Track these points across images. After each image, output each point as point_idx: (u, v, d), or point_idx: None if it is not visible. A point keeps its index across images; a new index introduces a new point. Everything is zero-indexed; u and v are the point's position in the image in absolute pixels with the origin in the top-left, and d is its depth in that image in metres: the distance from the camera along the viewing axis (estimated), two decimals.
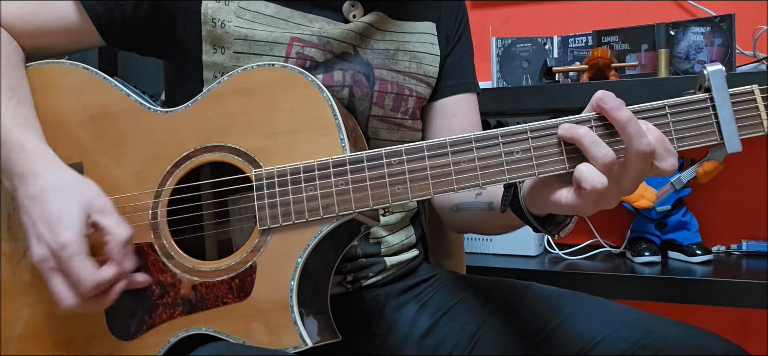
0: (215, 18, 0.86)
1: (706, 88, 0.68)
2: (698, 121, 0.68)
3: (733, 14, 1.46)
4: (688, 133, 0.69)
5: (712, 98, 0.68)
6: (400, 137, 0.95)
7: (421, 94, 0.97)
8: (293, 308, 0.74)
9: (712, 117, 0.68)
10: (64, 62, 0.85)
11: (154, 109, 0.82)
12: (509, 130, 0.70)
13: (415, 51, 0.96)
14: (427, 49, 0.98)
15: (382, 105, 0.93)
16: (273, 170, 0.76)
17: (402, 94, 0.94)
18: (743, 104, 0.68)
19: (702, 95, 0.69)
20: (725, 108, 0.67)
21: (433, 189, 0.72)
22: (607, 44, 1.56)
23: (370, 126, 0.93)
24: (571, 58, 1.64)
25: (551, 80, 1.58)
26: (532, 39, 1.68)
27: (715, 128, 0.68)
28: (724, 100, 0.68)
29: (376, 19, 0.93)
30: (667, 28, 1.50)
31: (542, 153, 0.70)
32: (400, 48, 0.95)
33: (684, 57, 1.50)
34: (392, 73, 0.93)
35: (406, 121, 0.96)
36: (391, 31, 0.95)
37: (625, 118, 0.65)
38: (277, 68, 0.78)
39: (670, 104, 0.69)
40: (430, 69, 0.98)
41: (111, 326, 0.81)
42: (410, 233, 1.02)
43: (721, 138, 0.68)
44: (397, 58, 0.94)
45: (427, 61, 0.98)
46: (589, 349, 0.80)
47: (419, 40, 0.97)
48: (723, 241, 1.63)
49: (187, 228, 0.81)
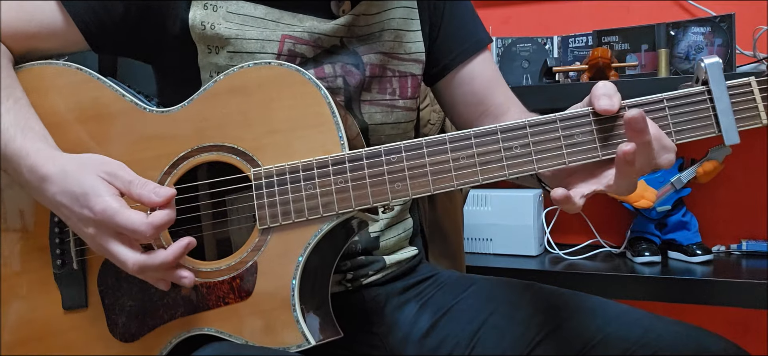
0: (204, 22, 0.85)
1: (703, 81, 0.69)
2: (696, 113, 0.69)
3: (733, 14, 1.46)
4: (686, 126, 0.69)
5: (709, 90, 0.68)
6: (395, 119, 0.95)
7: (405, 72, 0.96)
8: (295, 306, 0.74)
9: (709, 109, 0.68)
10: (59, 63, 0.85)
11: (150, 109, 0.82)
12: (508, 126, 0.71)
13: (399, 29, 0.96)
14: (408, 26, 0.97)
15: (370, 89, 0.92)
16: (272, 169, 0.76)
17: (384, 75, 0.94)
18: (741, 96, 0.68)
19: (699, 88, 0.69)
20: (723, 100, 0.68)
21: (432, 185, 0.72)
22: (608, 44, 1.55)
23: (364, 111, 0.92)
24: (572, 58, 1.64)
25: (551, 80, 1.58)
26: (533, 39, 1.68)
27: (713, 121, 0.68)
28: (721, 92, 0.68)
29: (360, 8, 0.93)
30: (667, 28, 1.50)
31: (541, 147, 0.70)
32: (385, 28, 0.94)
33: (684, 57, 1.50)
34: (378, 55, 0.93)
35: (398, 101, 0.95)
36: (374, 13, 0.94)
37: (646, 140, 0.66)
38: (274, 66, 0.78)
39: (668, 97, 0.69)
40: (412, 46, 0.97)
41: (112, 329, 0.81)
42: (408, 226, 1.02)
43: (718, 130, 0.68)
44: (382, 39, 0.94)
45: (408, 38, 0.97)
46: (589, 349, 0.80)
47: (401, 16, 0.96)
48: (723, 241, 1.63)
49: (186, 229, 0.81)
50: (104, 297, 0.81)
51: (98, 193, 0.72)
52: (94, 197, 0.72)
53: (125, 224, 0.71)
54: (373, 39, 0.93)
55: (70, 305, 0.82)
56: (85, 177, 0.74)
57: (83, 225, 0.74)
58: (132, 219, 0.71)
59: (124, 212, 0.71)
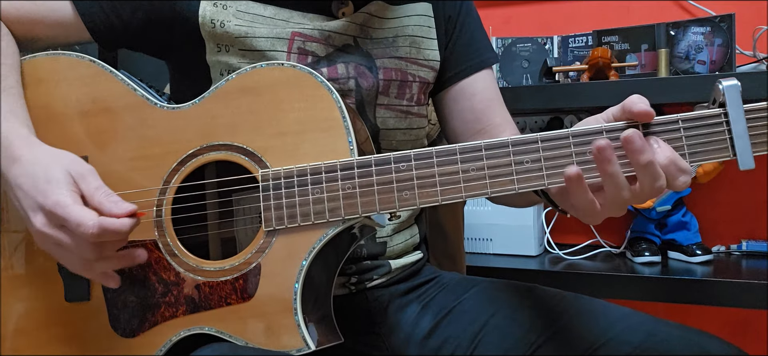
0: (213, 20, 0.86)
1: (720, 103, 0.68)
2: (711, 136, 0.68)
3: (733, 14, 1.46)
4: (700, 148, 0.68)
5: (726, 113, 0.67)
6: (408, 125, 0.95)
7: (424, 78, 0.96)
8: (297, 311, 0.74)
9: (725, 133, 0.67)
10: (72, 54, 0.84)
11: (160, 105, 0.82)
12: (520, 139, 0.70)
13: (415, 35, 0.96)
14: (425, 33, 0.97)
15: (387, 93, 0.92)
16: (280, 171, 0.76)
17: (405, 80, 0.94)
18: (757, 120, 0.67)
19: (716, 110, 0.68)
20: (739, 123, 0.66)
21: (441, 195, 0.71)
22: (608, 44, 1.55)
23: (378, 116, 0.92)
24: (572, 58, 1.64)
25: (551, 80, 1.58)
26: (533, 39, 1.68)
27: (729, 143, 0.67)
28: (738, 115, 0.67)
29: (374, 8, 0.93)
30: (667, 28, 1.50)
31: (552, 163, 0.69)
32: (399, 34, 0.94)
33: (684, 57, 1.50)
34: (394, 60, 0.93)
35: (413, 107, 0.96)
36: (389, 17, 0.94)
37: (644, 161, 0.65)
38: (286, 68, 0.78)
39: (683, 118, 0.68)
40: (430, 53, 0.97)
41: (113, 322, 0.81)
42: (414, 232, 1.02)
43: (733, 154, 0.67)
44: (397, 44, 0.94)
45: (426, 45, 0.97)
46: (592, 352, 0.80)
47: (417, 23, 0.96)
48: (723, 241, 1.63)
49: (191, 227, 0.80)
50: (106, 291, 0.81)
51: (59, 185, 0.72)
52: (54, 186, 0.72)
53: (74, 217, 0.70)
54: (387, 43, 0.93)
55: (73, 297, 0.82)
56: (53, 168, 0.74)
57: (33, 213, 0.73)
58: (81, 214, 0.70)
59: (76, 206, 0.71)
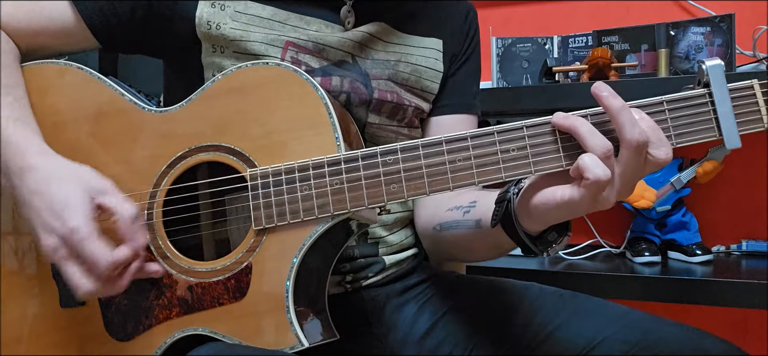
0: (210, 21, 0.86)
1: (705, 83, 0.68)
2: (697, 116, 0.67)
3: (733, 14, 1.45)
4: (686, 129, 0.68)
5: (710, 93, 0.67)
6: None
7: (419, 106, 0.96)
8: (289, 308, 0.74)
9: (710, 112, 0.67)
10: (59, 62, 0.85)
11: (148, 109, 0.82)
12: (505, 127, 0.70)
13: (418, 64, 0.95)
14: (430, 65, 0.97)
15: (379, 112, 0.92)
16: (267, 169, 0.76)
17: (401, 104, 0.93)
18: (742, 99, 0.67)
19: (700, 90, 0.68)
20: (724, 103, 0.66)
21: (428, 187, 0.71)
22: (607, 44, 1.55)
23: (367, 132, 0.92)
24: (571, 58, 1.63)
25: (551, 80, 1.57)
26: (532, 39, 1.67)
27: (714, 124, 0.67)
28: (723, 95, 0.66)
29: (377, 29, 0.92)
30: (667, 28, 1.50)
31: (539, 150, 0.69)
32: (402, 60, 0.94)
33: (684, 57, 1.49)
34: (390, 83, 0.93)
35: (403, 129, 0.96)
36: (395, 42, 0.94)
37: (618, 105, 0.64)
38: (272, 67, 0.78)
39: (668, 99, 0.68)
40: (429, 85, 0.97)
41: (108, 326, 0.81)
42: (409, 233, 1.01)
43: (719, 134, 0.67)
44: (397, 69, 0.93)
45: (428, 76, 0.97)
46: (589, 351, 0.80)
47: (423, 55, 0.96)
48: (723, 241, 1.62)
49: (182, 229, 0.80)
50: None
51: (76, 212, 0.71)
52: (71, 213, 0.71)
53: (89, 253, 0.70)
54: (387, 65, 0.93)
55: (68, 303, 0.82)
56: (70, 187, 0.73)
57: (45, 234, 0.72)
58: (96, 252, 0.70)
59: (92, 241, 0.70)
